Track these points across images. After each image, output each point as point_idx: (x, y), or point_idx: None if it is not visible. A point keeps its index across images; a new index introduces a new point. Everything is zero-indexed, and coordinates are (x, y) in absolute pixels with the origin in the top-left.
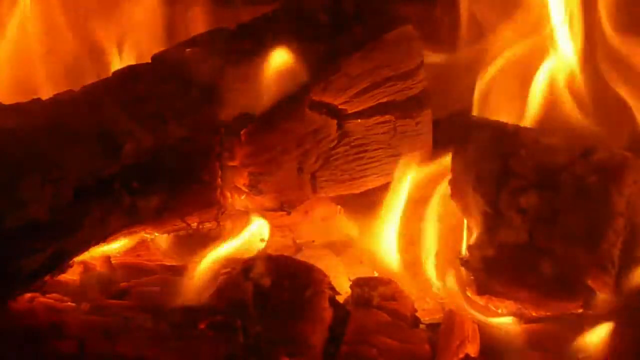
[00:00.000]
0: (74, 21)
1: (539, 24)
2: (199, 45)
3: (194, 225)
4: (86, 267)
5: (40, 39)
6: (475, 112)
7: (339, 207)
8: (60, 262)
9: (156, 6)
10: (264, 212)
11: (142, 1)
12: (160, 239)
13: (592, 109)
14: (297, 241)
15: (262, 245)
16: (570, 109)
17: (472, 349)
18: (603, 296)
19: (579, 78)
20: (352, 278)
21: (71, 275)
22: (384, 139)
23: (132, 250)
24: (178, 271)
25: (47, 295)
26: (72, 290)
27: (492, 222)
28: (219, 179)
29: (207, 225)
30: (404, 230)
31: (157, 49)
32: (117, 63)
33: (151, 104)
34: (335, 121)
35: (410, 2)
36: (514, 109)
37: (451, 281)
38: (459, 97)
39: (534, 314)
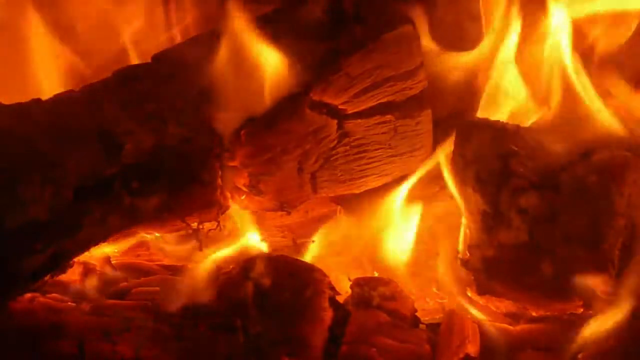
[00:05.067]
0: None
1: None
2: (199, 45)
3: (194, 225)
4: (86, 267)
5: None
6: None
7: (339, 207)
8: (60, 262)
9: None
10: (264, 212)
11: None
12: (161, 239)
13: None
14: (297, 241)
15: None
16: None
17: (472, 349)
18: (603, 296)
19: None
20: (352, 278)
21: (71, 275)
22: (384, 139)
23: (132, 250)
24: (178, 271)
25: (47, 295)
26: (72, 290)
27: (492, 222)
28: (219, 179)
29: (207, 225)
30: (404, 230)
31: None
32: None
33: (151, 104)
34: (335, 121)
35: (410, 2)
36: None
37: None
38: (459, 97)
39: (534, 314)
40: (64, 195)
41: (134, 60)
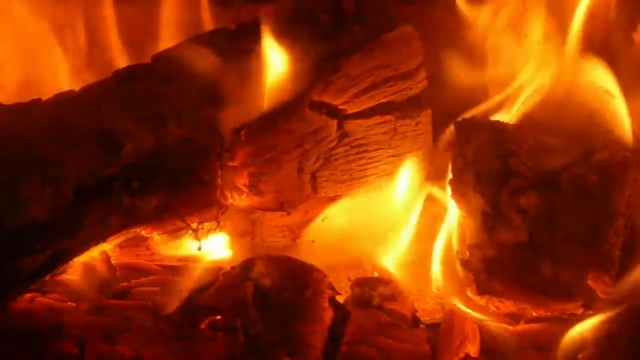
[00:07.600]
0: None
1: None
2: (199, 45)
3: (194, 225)
4: (86, 267)
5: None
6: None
7: None
8: (60, 262)
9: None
10: (264, 212)
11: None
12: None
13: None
14: (297, 241)
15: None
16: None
17: (472, 349)
18: (603, 296)
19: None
20: (352, 278)
21: (71, 275)
22: (384, 139)
23: (132, 250)
24: (178, 271)
25: (47, 295)
26: (72, 290)
27: (492, 222)
28: (219, 179)
29: (207, 225)
30: (404, 230)
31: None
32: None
33: (151, 104)
34: (335, 121)
35: (410, 2)
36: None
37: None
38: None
39: (534, 314)
40: (64, 195)
41: None
